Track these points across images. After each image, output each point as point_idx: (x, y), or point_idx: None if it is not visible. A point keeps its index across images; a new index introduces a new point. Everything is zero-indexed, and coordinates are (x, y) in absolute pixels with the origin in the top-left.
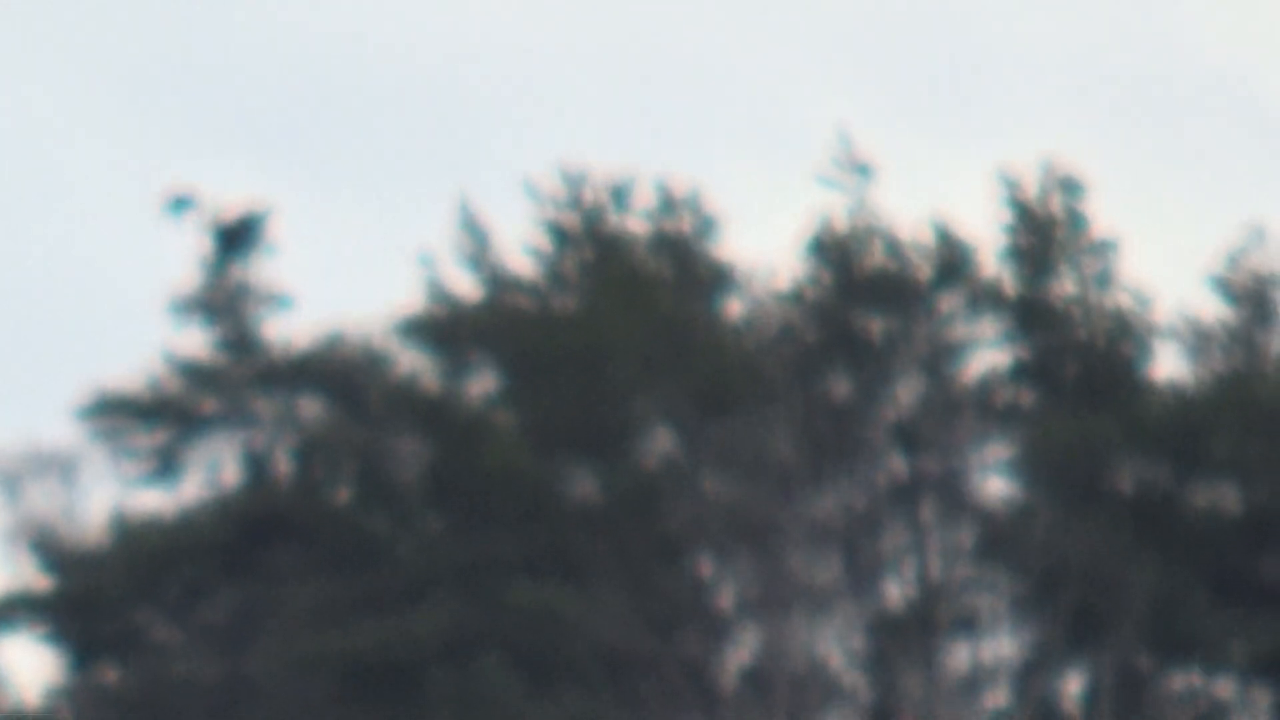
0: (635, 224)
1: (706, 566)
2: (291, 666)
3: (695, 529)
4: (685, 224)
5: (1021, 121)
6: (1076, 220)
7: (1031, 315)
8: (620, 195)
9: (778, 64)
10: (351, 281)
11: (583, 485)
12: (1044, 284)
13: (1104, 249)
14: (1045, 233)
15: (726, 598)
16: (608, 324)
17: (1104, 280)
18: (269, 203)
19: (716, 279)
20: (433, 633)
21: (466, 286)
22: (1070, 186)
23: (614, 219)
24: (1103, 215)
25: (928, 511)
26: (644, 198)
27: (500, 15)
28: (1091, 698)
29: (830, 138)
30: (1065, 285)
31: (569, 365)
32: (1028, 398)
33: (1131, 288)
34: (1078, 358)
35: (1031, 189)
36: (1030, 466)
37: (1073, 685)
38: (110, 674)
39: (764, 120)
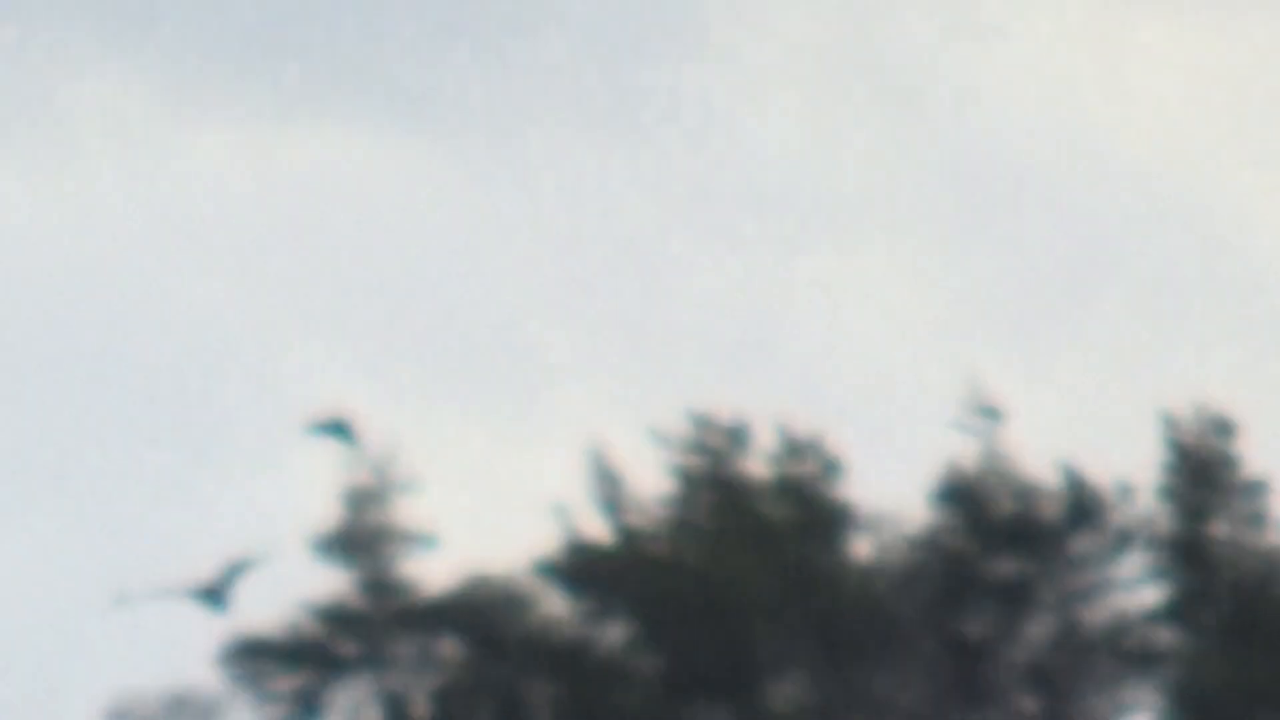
0: (757, 467)
1: None
2: None
3: None
4: (809, 466)
5: None
6: (1229, 461)
7: (1185, 555)
8: (739, 437)
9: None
10: (495, 522)
11: None
12: (1199, 524)
13: (1256, 489)
14: (1203, 474)
15: None
16: (733, 569)
17: (1256, 520)
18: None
19: (841, 521)
20: None
21: (600, 530)
22: (1222, 427)
23: (736, 462)
24: (1254, 455)
25: None
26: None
27: None
28: None
29: (958, 382)
30: (1219, 526)
31: (698, 610)
32: (1176, 638)
33: None
34: (1229, 598)
35: (1189, 429)
36: (1179, 709)
37: None
38: None
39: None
